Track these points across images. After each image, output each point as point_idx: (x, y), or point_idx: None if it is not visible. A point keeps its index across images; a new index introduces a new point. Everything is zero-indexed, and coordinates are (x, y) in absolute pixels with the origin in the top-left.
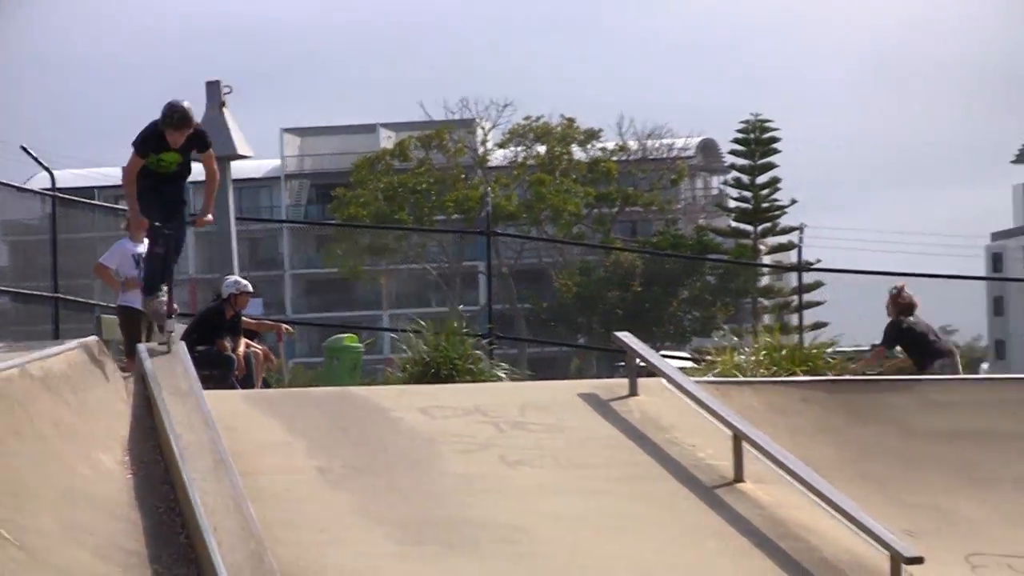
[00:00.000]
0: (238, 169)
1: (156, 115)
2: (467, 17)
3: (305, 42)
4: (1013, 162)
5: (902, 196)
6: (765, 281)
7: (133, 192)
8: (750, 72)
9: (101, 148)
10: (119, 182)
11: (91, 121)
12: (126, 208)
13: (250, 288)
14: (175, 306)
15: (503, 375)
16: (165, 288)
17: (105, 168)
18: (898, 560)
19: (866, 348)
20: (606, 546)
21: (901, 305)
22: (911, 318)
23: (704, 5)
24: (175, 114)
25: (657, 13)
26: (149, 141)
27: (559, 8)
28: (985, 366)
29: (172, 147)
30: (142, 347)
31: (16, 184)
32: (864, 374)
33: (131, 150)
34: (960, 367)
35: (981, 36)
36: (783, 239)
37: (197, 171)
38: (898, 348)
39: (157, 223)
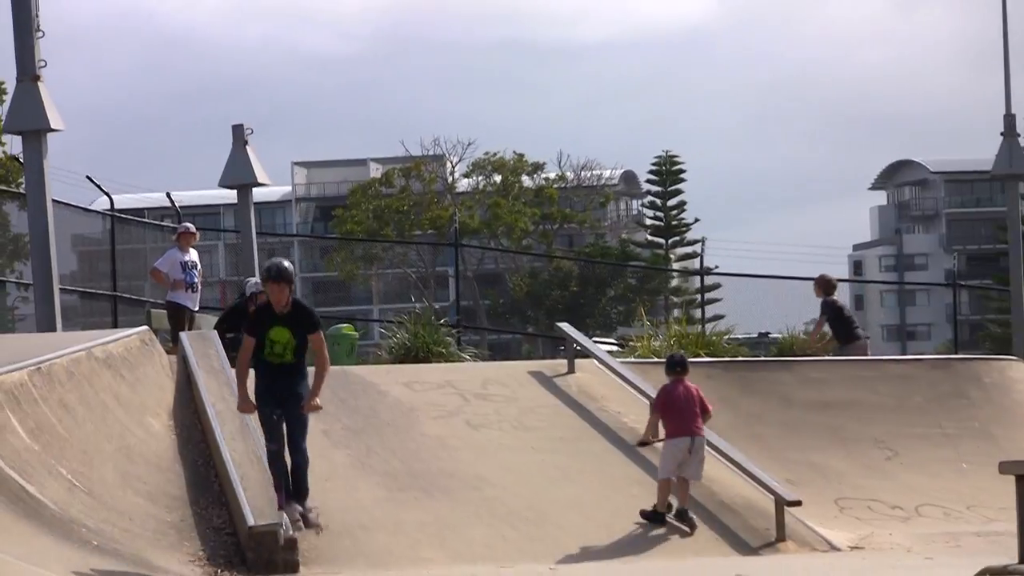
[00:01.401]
0: (258, 194)
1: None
2: (438, 73)
3: (311, 92)
4: (870, 189)
5: (784, 214)
6: (675, 283)
7: (242, 378)
8: (664, 116)
9: (151, 176)
10: (165, 203)
11: (142, 154)
12: (173, 224)
13: None
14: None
15: (468, 357)
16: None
17: (154, 193)
18: (781, 503)
19: (754, 336)
20: (551, 491)
21: (828, 286)
22: (838, 299)
23: (626, 61)
24: (272, 267)
25: (586, 69)
26: (257, 317)
27: (512, 66)
28: None
29: (278, 312)
30: (184, 335)
31: (83, 206)
32: (810, 347)
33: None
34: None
35: (847, 87)
36: (689, 249)
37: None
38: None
39: (270, 415)
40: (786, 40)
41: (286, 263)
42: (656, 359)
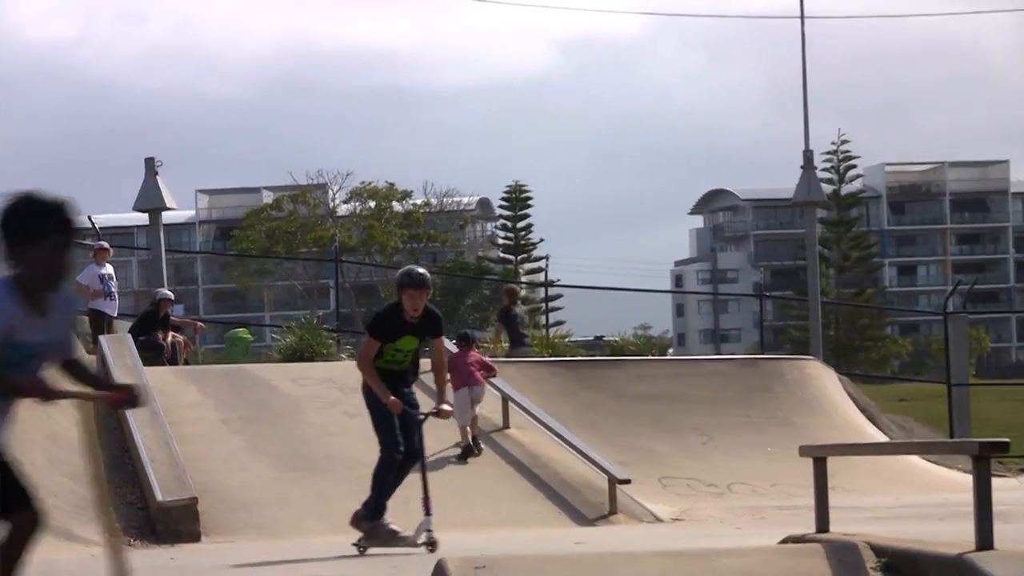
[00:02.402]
0: (166, 217)
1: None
2: (322, 114)
3: (212, 130)
4: (689, 213)
5: (617, 235)
6: (523, 293)
7: (376, 377)
8: (515, 151)
9: (75, 201)
10: (87, 225)
11: (68, 183)
12: (90, 243)
13: (172, 296)
14: (431, 501)
15: (346, 356)
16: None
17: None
18: (613, 481)
19: (591, 338)
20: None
21: (512, 296)
22: (517, 308)
23: (483, 104)
24: (414, 271)
25: (448, 110)
26: (384, 322)
27: (385, 108)
28: (671, 351)
29: (410, 321)
30: (103, 337)
31: None
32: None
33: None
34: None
35: (669, 127)
36: (535, 265)
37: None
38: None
39: (393, 423)
40: (618, 87)
41: (422, 269)
42: (506, 359)
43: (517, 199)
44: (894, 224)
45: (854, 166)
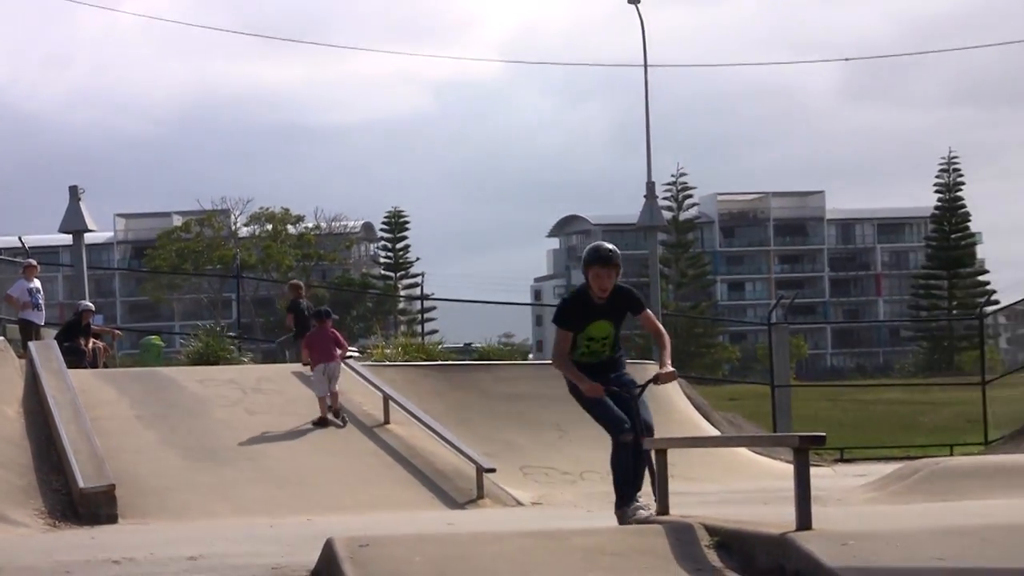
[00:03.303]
0: (88, 238)
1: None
2: (225, 147)
3: (128, 161)
4: (547, 236)
5: (484, 254)
6: (402, 305)
7: (571, 367)
8: (395, 180)
9: (6, 224)
10: (17, 245)
11: (0, 203)
12: (20, 260)
13: (93, 308)
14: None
15: (247, 360)
16: (640, 496)
17: (9, 237)
18: (480, 470)
19: (461, 344)
20: (310, 460)
21: (296, 291)
22: (304, 301)
23: (365, 139)
24: (602, 247)
25: (336, 144)
26: (572, 310)
27: (280, 142)
28: (531, 356)
29: (599, 303)
30: (31, 344)
31: None
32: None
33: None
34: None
35: (531, 160)
36: (413, 280)
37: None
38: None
39: (608, 406)
40: (485, 125)
41: (611, 244)
42: (388, 363)
43: (397, 223)
44: (725, 246)
45: (690, 195)
